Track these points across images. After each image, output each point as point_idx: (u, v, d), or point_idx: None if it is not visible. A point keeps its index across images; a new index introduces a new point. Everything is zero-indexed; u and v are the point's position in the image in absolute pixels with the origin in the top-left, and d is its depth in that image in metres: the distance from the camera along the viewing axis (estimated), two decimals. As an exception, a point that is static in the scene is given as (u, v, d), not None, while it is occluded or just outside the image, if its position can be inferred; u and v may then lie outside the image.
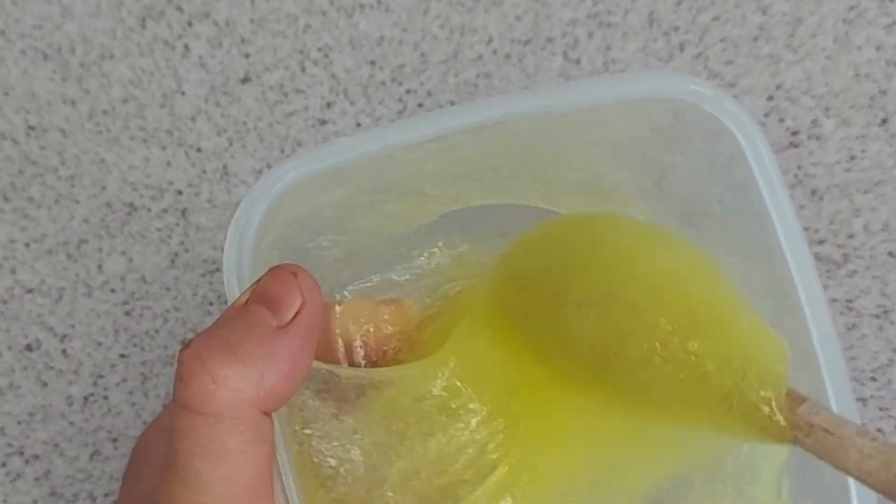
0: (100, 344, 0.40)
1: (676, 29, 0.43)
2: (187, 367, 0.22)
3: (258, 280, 0.24)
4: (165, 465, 0.22)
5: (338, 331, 0.29)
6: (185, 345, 0.22)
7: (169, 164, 0.42)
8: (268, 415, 0.23)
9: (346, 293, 0.31)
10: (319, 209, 0.29)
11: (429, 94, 0.42)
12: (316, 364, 0.26)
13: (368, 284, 0.31)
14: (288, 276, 0.23)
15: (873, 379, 0.39)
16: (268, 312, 0.23)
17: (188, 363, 0.22)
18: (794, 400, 0.22)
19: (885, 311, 0.39)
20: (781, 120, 0.41)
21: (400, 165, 0.28)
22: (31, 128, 0.42)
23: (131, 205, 0.41)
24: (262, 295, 0.23)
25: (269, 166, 0.42)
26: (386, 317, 0.30)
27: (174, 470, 0.22)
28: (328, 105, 0.42)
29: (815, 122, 0.41)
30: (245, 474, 0.22)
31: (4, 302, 0.40)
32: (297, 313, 0.23)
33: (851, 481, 0.25)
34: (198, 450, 0.21)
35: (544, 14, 0.43)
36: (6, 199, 0.42)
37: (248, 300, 0.23)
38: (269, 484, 0.23)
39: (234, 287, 0.25)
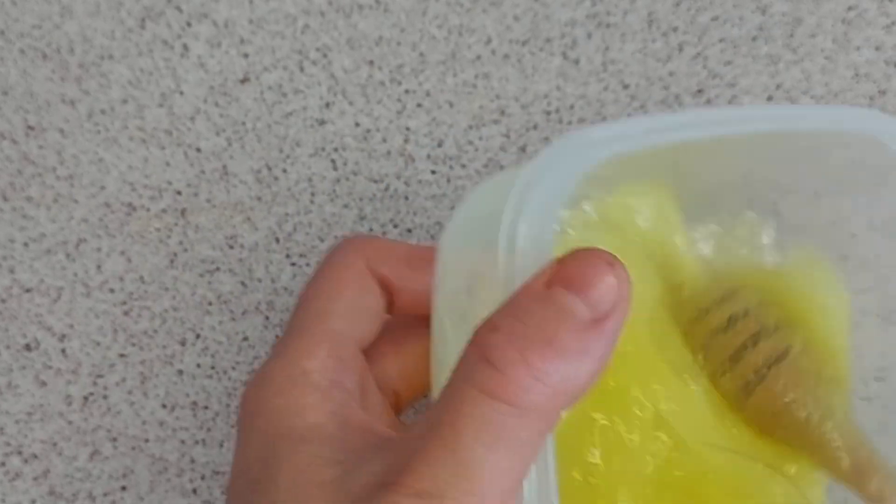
0: (98, 343, 0.40)
1: (675, 29, 0.43)
2: (502, 354, 0.20)
3: (561, 261, 0.21)
4: (429, 442, 0.21)
5: None
6: (489, 325, 0.21)
7: (168, 164, 0.42)
8: (560, 414, 0.21)
9: None
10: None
11: (427, 94, 0.42)
12: None
13: None
14: (603, 265, 0.21)
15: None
16: (579, 301, 0.21)
17: (503, 349, 0.20)
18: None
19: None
20: (780, 120, 0.41)
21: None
22: (30, 128, 0.42)
23: (130, 205, 0.41)
24: (571, 281, 0.21)
25: (268, 167, 0.42)
26: None
27: (448, 454, 0.20)
28: (327, 105, 0.42)
29: (813, 123, 0.41)
30: (522, 469, 0.21)
31: (3, 301, 0.40)
32: (612, 306, 0.21)
33: None
34: (488, 440, 0.20)
35: (543, 14, 0.43)
36: (5, 198, 0.42)
37: (549, 282, 0.21)
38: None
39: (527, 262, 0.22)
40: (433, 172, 0.42)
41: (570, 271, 0.21)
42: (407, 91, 0.42)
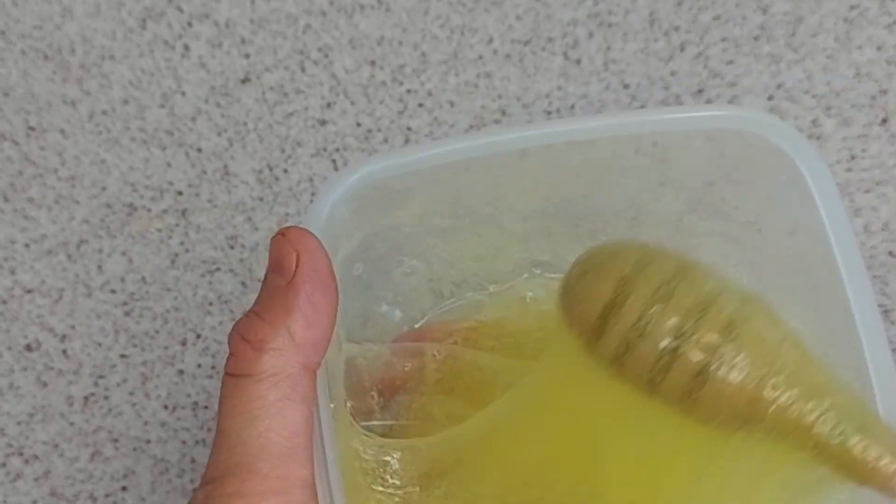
0: (100, 344, 0.40)
1: (677, 28, 0.43)
2: (232, 344, 0.24)
3: None
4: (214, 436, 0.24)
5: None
6: (232, 328, 0.25)
7: (169, 164, 0.42)
8: (309, 371, 0.24)
9: (423, 320, 0.32)
10: (400, 226, 0.30)
11: (429, 94, 0.42)
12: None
13: (446, 310, 0.32)
14: (279, 238, 0.25)
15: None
16: (277, 276, 0.25)
17: (232, 340, 0.24)
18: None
19: (886, 311, 0.39)
20: (782, 119, 0.41)
21: (476, 184, 0.29)
22: (32, 128, 0.42)
23: (131, 205, 0.41)
24: (270, 264, 0.25)
25: (270, 167, 0.42)
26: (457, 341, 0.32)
27: (218, 437, 0.24)
28: (328, 105, 0.42)
29: (815, 122, 0.41)
30: (281, 433, 0.23)
31: (4, 302, 0.40)
32: (296, 266, 0.25)
33: None
34: (239, 408, 0.23)
35: (544, 14, 0.43)
36: (6, 199, 0.42)
37: (266, 275, 0.25)
38: (306, 448, 0.24)
39: None
40: (435, 172, 0.42)
41: (269, 256, 0.25)
42: (408, 91, 0.42)
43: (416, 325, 0.33)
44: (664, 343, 0.23)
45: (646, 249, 0.25)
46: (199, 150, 0.42)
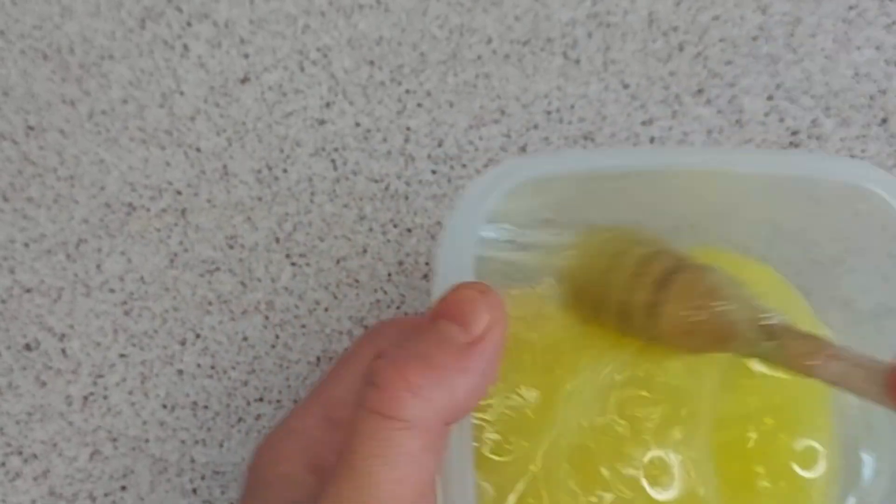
0: (99, 344, 0.40)
1: (676, 29, 0.43)
2: (383, 375, 0.23)
3: (443, 296, 0.25)
4: (337, 466, 0.23)
5: None
6: (378, 355, 0.24)
7: (168, 164, 0.42)
8: (449, 427, 0.24)
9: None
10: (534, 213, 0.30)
11: (428, 94, 0.42)
12: None
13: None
14: (475, 294, 0.24)
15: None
16: (457, 328, 0.24)
17: (384, 371, 0.23)
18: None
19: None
20: (781, 119, 0.41)
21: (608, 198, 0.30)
22: (31, 128, 0.42)
23: (130, 205, 0.41)
24: (450, 312, 0.24)
25: (269, 167, 0.42)
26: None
27: (347, 470, 0.23)
28: (327, 105, 0.42)
29: (814, 122, 0.41)
30: (416, 480, 0.23)
31: (3, 302, 0.40)
32: (486, 331, 0.24)
33: None
34: (377, 452, 0.22)
35: (543, 14, 0.43)
36: (5, 199, 0.42)
37: (434, 316, 0.24)
38: (433, 494, 0.24)
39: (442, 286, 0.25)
40: (433, 172, 0.41)
41: (448, 304, 0.24)
42: (407, 91, 0.42)
43: None
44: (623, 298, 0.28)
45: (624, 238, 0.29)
46: (199, 149, 0.42)
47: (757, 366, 0.31)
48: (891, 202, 0.28)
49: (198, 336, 0.40)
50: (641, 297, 0.27)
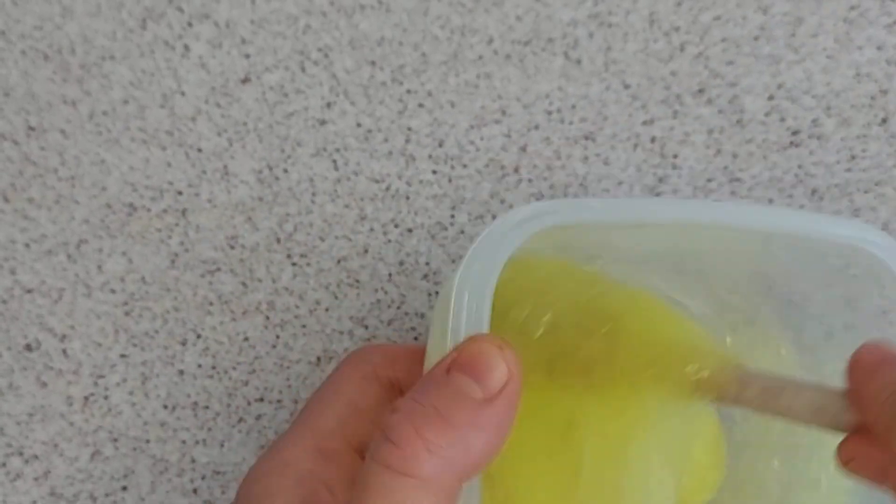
0: (99, 344, 0.40)
1: (677, 29, 0.43)
2: (399, 432, 0.23)
3: (459, 348, 0.24)
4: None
5: None
6: (392, 408, 0.24)
7: (169, 164, 0.42)
8: (461, 483, 0.23)
9: None
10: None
11: (429, 94, 0.42)
12: None
13: None
14: (493, 348, 0.24)
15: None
16: (473, 383, 0.23)
17: (400, 427, 0.23)
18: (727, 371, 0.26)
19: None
20: (782, 119, 0.41)
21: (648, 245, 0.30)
22: (32, 129, 0.42)
23: (131, 205, 0.41)
24: (467, 366, 0.24)
25: (270, 167, 0.42)
26: None
27: None
28: (328, 105, 0.42)
29: (815, 122, 0.41)
30: None
31: (4, 302, 0.40)
32: (501, 386, 0.24)
33: None
34: None
35: (545, 14, 0.43)
36: (6, 199, 0.42)
37: (450, 368, 0.24)
38: None
39: (460, 332, 0.24)
40: (434, 172, 0.41)
41: (465, 357, 0.24)
42: (408, 91, 0.42)
43: None
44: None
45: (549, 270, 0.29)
46: (199, 150, 0.42)
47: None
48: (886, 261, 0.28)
49: (199, 336, 0.40)
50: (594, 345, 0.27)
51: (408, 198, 0.41)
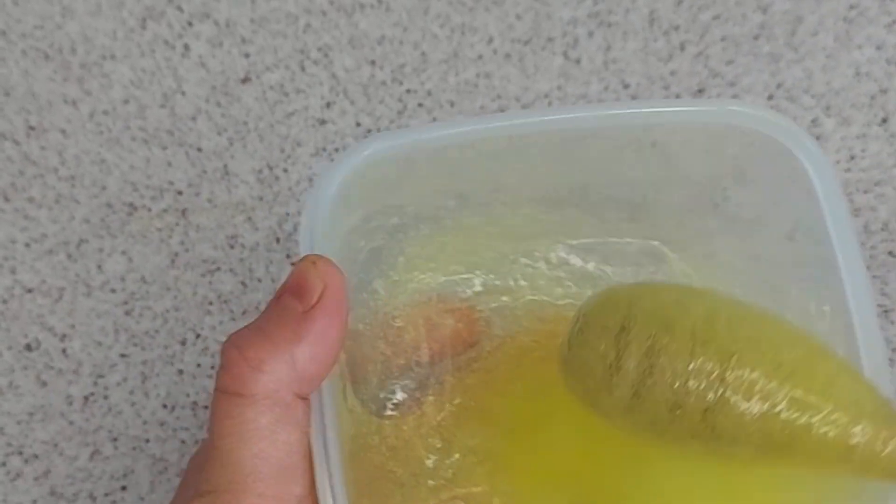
0: (100, 343, 0.40)
1: (677, 28, 0.43)
2: (227, 356, 0.24)
3: (290, 274, 0.26)
4: (206, 451, 0.24)
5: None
6: (227, 337, 0.24)
7: (169, 164, 0.42)
8: (303, 399, 0.24)
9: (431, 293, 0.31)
10: (403, 206, 0.30)
11: (429, 93, 0.42)
12: None
13: (453, 284, 0.31)
14: (308, 265, 0.25)
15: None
16: (295, 300, 0.24)
17: (228, 352, 0.24)
18: None
19: (886, 311, 0.39)
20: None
21: (478, 168, 0.29)
22: (32, 128, 0.42)
23: (131, 205, 0.41)
24: (290, 286, 0.25)
25: (270, 166, 0.42)
26: (452, 323, 0.31)
27: (211, 452, 0.23)
28: (328, 105, 0.42)
29: (815, 122, 0.41)
30: (274, 454, 0.23)
31: (4, 302, 0.40)
32: (319, 297, 0.24)
33: None
34: (233, 430, 0.23)
35: (545, 13, 0.43)
36: (7, 199, 0.42)
37: (278, 294, 0.25)
38: (300, 465, 0.24)
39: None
40: (434, 172, 0.42)
41: (291, 280, 0.25)
42: (408, 90, 0.42)
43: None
44: (670, 388, 0.23)
45: (637, 294, 0.25)
46: (200, 149, 0.42)
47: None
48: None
49: (198, 336, 0.40)
50: (698, 400, 0.23)
51: (408, 197, 0.41)
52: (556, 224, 0.31)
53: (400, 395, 0.29)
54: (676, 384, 0.23)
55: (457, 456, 0.28)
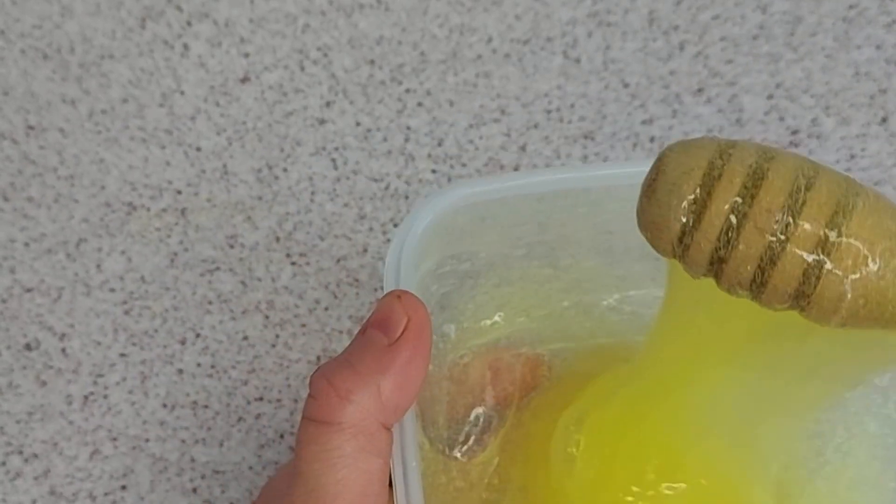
0: (99, 343, 0.40)
1: (676, 28, 0.43)
2: (315, 386, 0.25)
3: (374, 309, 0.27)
4: (288, 476, 0.25)
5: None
6: (316, 369, 0.26)
7: (168, 163, 0.42)
8: (386, 429, 0.25)
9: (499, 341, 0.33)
10: (476, 253, 0.32)
11: (428, 93, 0.42)
12: None
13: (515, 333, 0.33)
14: (393, 299, 0.26)
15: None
16: (380, 334, 0.26)
17: (316, 382, 0.25)
18: None
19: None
20: (781, 119, 0.41)
21: (548, 217, 0.31)
22: (31, 127, 0.42)
23: (130, 204, 0.41)
24: (376, 319, 0.26)
25: (269, 166, 0.42)
26: (518, 368, 0.32)
27: (296, 476, 0.24)
28: (327, 104, 0.42)
29: (815, 121, 0.41)
30: (356, 482, 0.24)
31: (3, 301, 0.40)
32: (404, 330, 0.26)
33: None
34: (319, 455, 0.24)
35: (544, 13, 0.43)
36: (6, 198, 0.42)
37: (363, 328, 0.26)
38: (381, 494, 0.25)
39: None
40: (434, 171, 0.41)
41: (375, 314, 0.26)
42: (408, 90, 0.42)
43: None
44: (764, 242, 0.20)
45: (724, 141, 0.22)
46: (199, 149, 0.42)
47: None
48: None
49: (198, 335, 0.40)
50: (797, 248, 0.20)
51: (407, 197, 0.41)
52: (616, 276, 0.32)
53: (465, 436, 0.30)
54: (774, 228, 0.20)
55: (509, 495, 0.29)
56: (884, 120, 0.41)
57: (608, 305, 0.32)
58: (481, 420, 0.30)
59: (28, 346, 0.40)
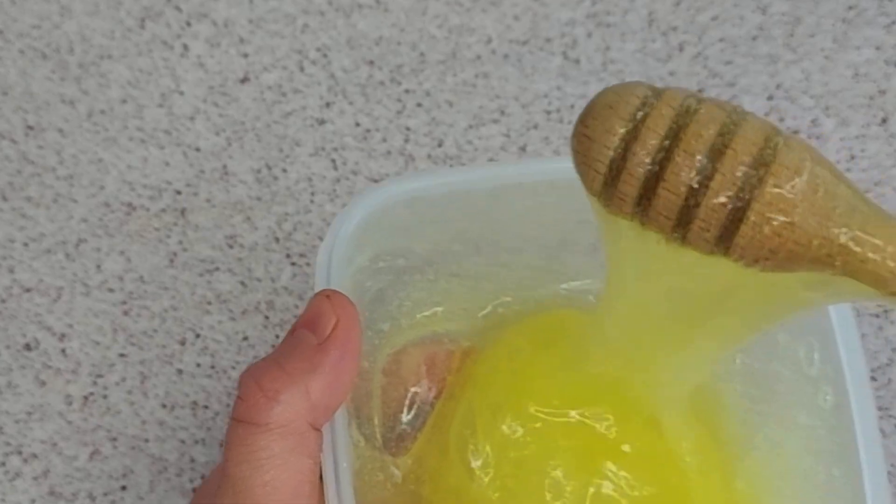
0: (98, 343, 0.40)
1: (675, 29, 0.43)
2: (244, 387, 0.25)
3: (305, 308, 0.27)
4: (218, 478, 0.25)
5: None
6: (245, 369, 0.25)
7: (167, 163, 0.42)
8: (316, 429, 0.25)
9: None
10: (411, 248, 0.31)
11: (427, 93, 0.42)
12: None
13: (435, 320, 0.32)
14: (322, 299, 0.26)
15: (873, 378, 0.39)
16: (309, 333, 0.26)
17: (245, 383, 0.25)
18: None
19: (885, 311, 0.39)
20: (781, 119, 0.41)
21: (483, 212, 0.31)
22: (30, 127, 0.42)
23: (129, 204, 0.41)
24: (305, 319, 0.26)
25: (268, 166, 0.42)
26: (454, 361, 0.32)
27: (224, 478, 0.24)
28: (326, 105, 0.42)
29: (814, 122, 0.41)
30: (286, 483, 0.24)
31: (3, 301, 0.40)
32: (333, 329, 0.25)
33: None
34: (246, 457, 0.24)
35: (543, 14, 0.43)
36: (4, 198, 0.42)
37: (294, 328, 0.26)
38: (311, 495, 0.25)
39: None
40: (433, 172, 0.42)
41: (305, 313, 0.26)
42: (407, 91, 0.42)
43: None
44: (686, 182, 0.20)
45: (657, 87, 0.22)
46: (198, 149, 0.42)
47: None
48: None
49: (197, 336, 0.40)
50: (721, 190, 0.20)
51: (406, 197, 0.41)
52: (554, 270, 0.32)
53: (400, 432, 0.30)
54: (699, 162, 0.20)
55: (427, 486, 0.29)
56: (883, 121, 0.41)
57: (546, 297, 0.32)
58: (415, 413, 0.30)
59: (27, 346, 0.40)
